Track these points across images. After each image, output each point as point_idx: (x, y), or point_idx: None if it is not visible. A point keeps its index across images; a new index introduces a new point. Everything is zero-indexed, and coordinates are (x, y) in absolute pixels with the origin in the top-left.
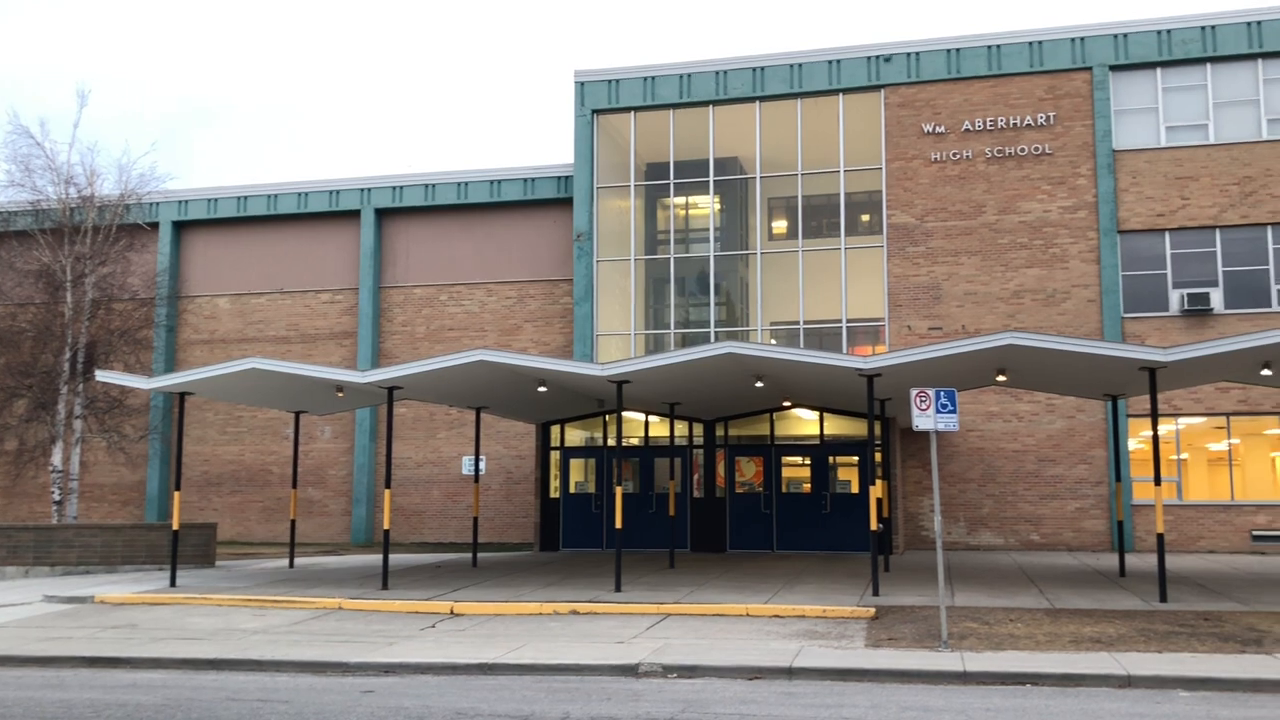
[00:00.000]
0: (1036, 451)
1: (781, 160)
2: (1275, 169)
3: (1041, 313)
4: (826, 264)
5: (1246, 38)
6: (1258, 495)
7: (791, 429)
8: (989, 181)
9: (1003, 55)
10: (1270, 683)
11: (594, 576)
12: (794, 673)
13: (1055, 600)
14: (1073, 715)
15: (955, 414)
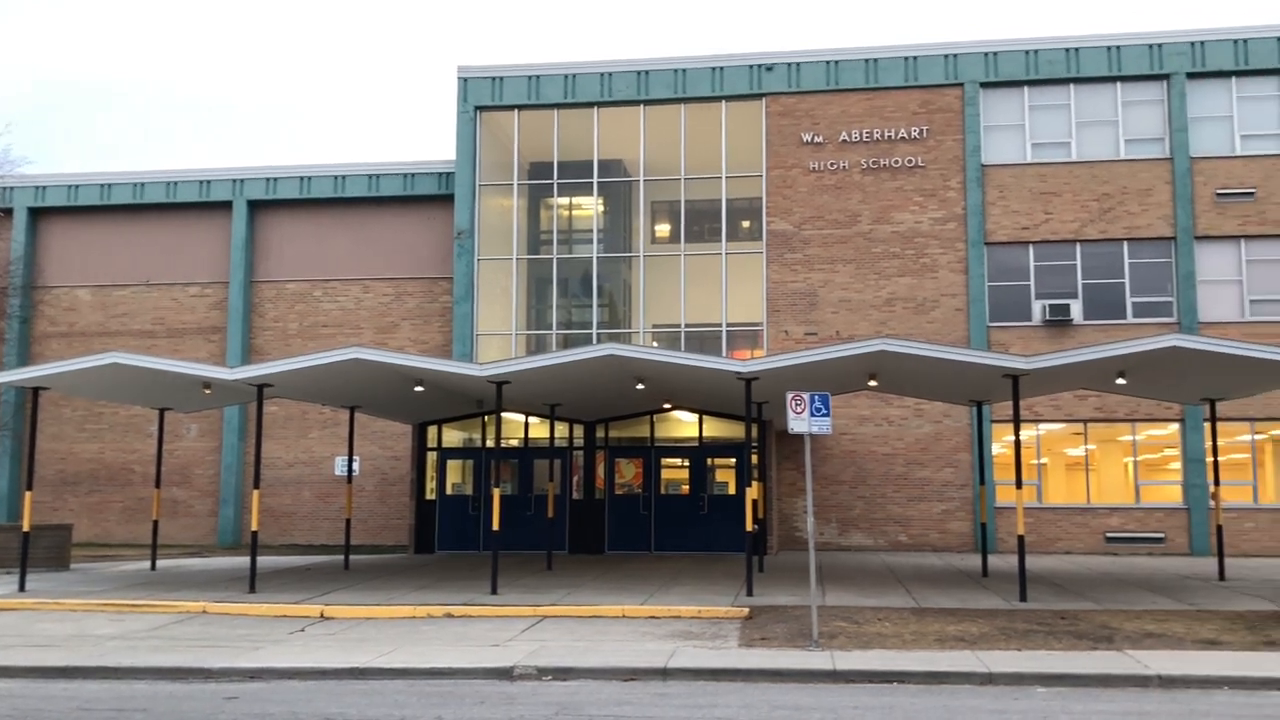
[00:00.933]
0: (905, 455)
1: (665, 164)
2: (1132, 187)
3: (912, 320)
4: (708, 268)
5: (1107, 61)
6: (1112, 499)
7: (671, 431)
8: (864, 192)
9: (880, 69)
10: (1120, 678)
11: (470, 579)
12: (669, 673)
13: (922, 600)
14: (936, 712)
15: (829, 417)
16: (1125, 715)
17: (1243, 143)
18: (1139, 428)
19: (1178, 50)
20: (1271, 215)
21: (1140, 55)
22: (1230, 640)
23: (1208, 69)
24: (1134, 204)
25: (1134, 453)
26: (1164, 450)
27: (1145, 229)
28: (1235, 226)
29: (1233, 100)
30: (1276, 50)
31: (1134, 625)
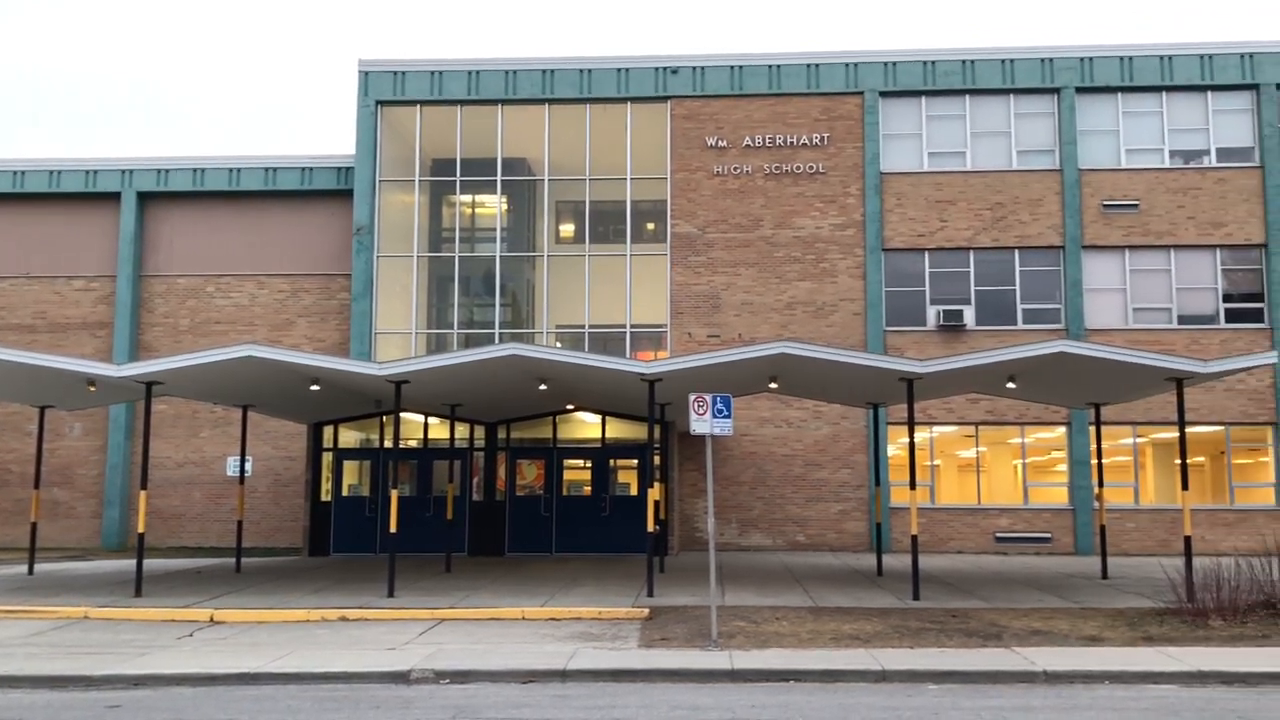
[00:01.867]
0: (804, 456)
1: (570, 164)
2: (1023, 197)
3: (812, 324)
4: (612, 269)
5: (1001, 74)
6: (1001, 499)
7: (574, 432)
8: (767, 196)
9: (782, 75)
10: (1008, 674)
11: (366, 582)
12: (568, 675)
13: (818, 599)
14: (831, 710)
15: (730, 419)
16: (1013, 710)
17: (1128, 156)
18: (1028, 431)
19: (1068, 65)
20: (1154, 227)
21: (1032, 69)
22: (1111, 637)
23: (1096, 84)
24: (1025, 213)
25: (1023, 455)
26: (1051, 453)
27: (1036, 238)
28: (1120, 237)
29: (1119, 115)
30: (1159, 68)
31: (1022, 623)
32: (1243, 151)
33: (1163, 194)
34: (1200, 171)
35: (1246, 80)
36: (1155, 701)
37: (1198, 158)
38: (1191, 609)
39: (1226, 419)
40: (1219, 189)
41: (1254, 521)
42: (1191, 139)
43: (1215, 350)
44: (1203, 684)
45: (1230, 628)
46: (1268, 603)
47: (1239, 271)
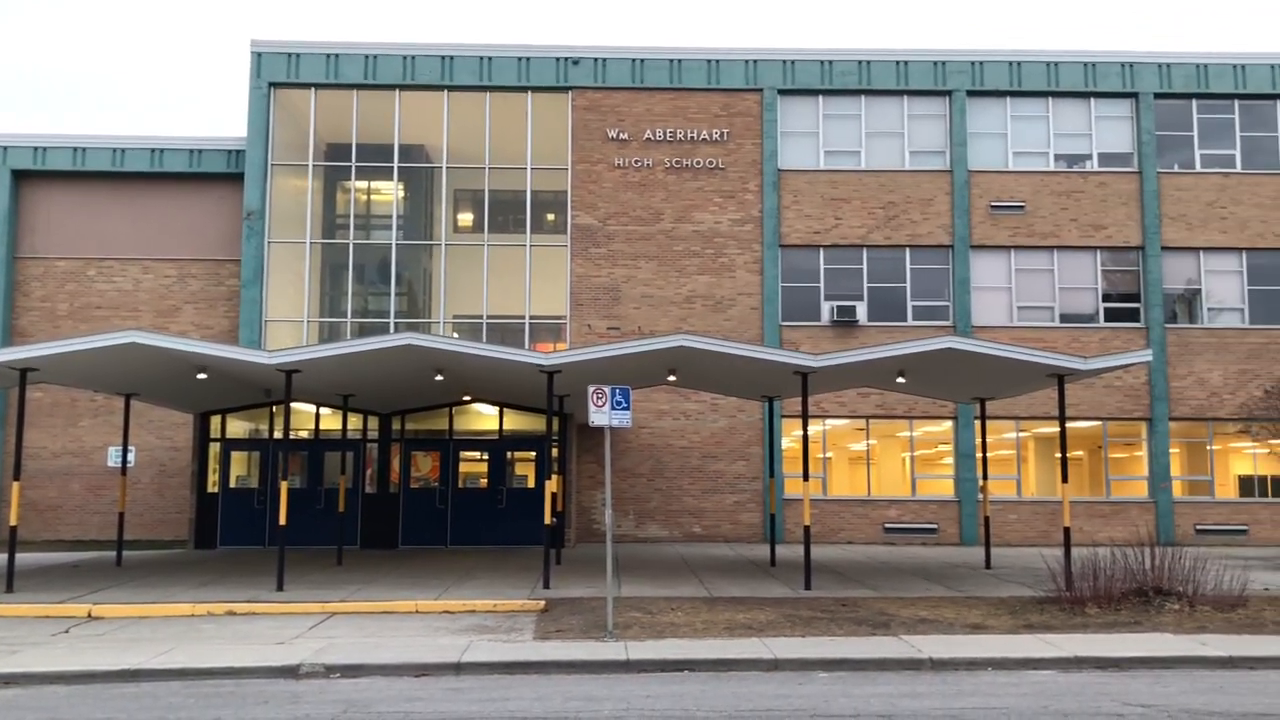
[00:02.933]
0: (701, 448)
1: (469, 152)
2: (914, 197)
3: (710, 318)
4: (512, 260)
5: (895, 75)
6: (891, 491)
7: (471, 424)
8: (667, 190)
9: (683, 70)
10: (895, 661)
11: (254, 575)
12: (462, 668)
13: (713, 590)
14: (724, 699)
15: (629, 411)
16: (900, 697)
17: (1015, 159)
18: (916, 424)
19: (959, 69)
20: (1039, 228)
21: (926, 71)
22: (994, 624)
23: (986, 88)
24: (916, 213)
25: (911, 448)
26: (938, 446)
27: (926, 237)
28: (1006, 237)
29: (1007, 118)
30: (1046, 74)
31: (909, 611)
32: (1122, 157)
33: (1047, 196)
34: (1083, 175)
35: (1127, 89)
36: (1035, 687)
37: (1080, 162)
38: (1070, 597)
39: (1104, 414)
40: (1100, 193)
41: (1129, 513)
42: (1075, 144)
43: (1094, 348)
44: (1079, 669)
45: (1105, 615)
46: (1140, 591)
47: (1117, 272)
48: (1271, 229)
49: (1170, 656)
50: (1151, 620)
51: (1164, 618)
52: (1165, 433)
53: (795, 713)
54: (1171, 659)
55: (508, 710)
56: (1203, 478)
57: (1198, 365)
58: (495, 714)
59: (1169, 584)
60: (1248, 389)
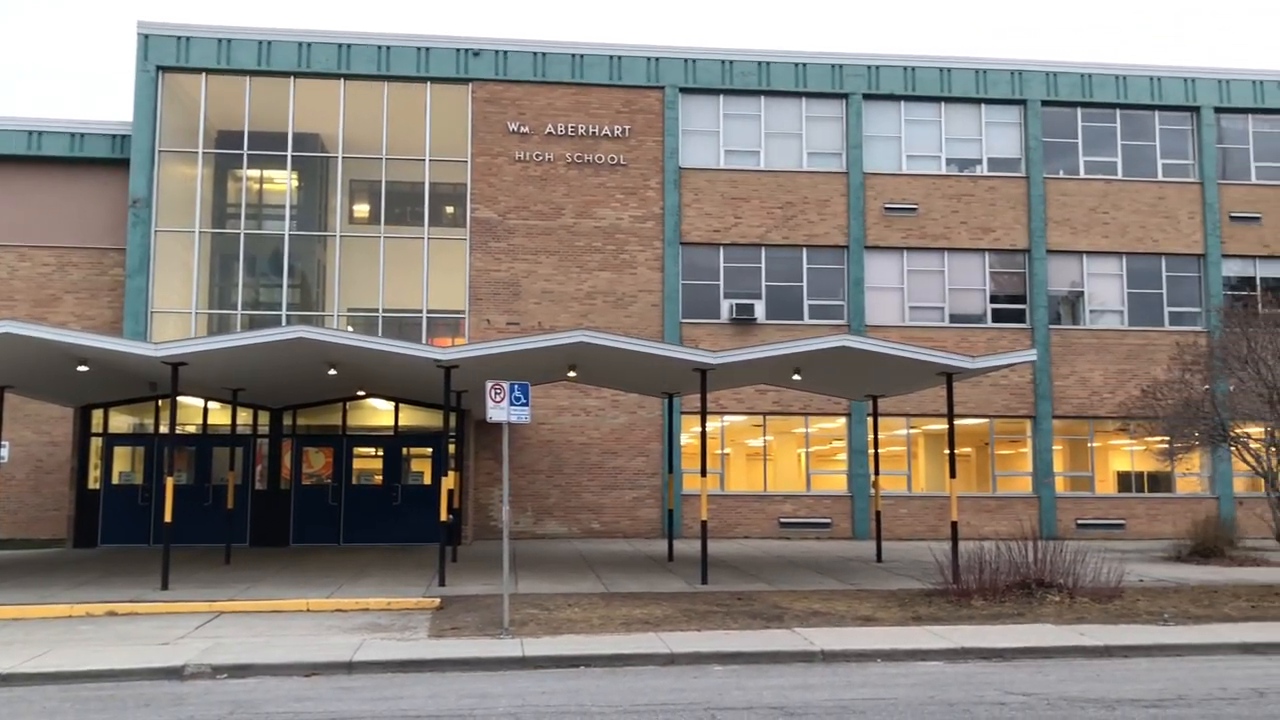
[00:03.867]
0: (601, 444)
1: (366, 142)
2: (812, 197)
3: (611, 314)
4: (409, 252)
5: (794, 77)
6: (786, 486)
7: (365, 419)
8: (569, 185)
9: (585, 65)
10: (788, 654)
11: (138, 574)
12: (354, 667)
13: (611, 585)
14: (620, 693)
15: (528, 407)
16: (792, 689)
17: (908, 162)
18: (811, 421)
19: (856, 72)
20: (930, 230)
21: (824, 74)
22: (885, 617)
23: (881, 92)
24: (813, 213)
25: (806, 444)
26: (833, 442)
27: (823, 237)
28: (899, 239)
29: (901, 122)
30: (939, 79)
31: (802, 605)
32: (1011, 162)
33: (939, 199)
34: (973, 179)
35: (1016, 96)
36: (923, 677)
37: (971, 166)
38: (956, 590)
39: (991, 412)
40: (989, 196)
41: (1013, 508)
42: (966, 148)
43: (982, 348)
44: (965, 660)
45: (990, 607)
46: (1023, 583)
47: (1005, 274)
48: (1150, 234)
49: (1051, 646)
50: (1034, 612)
51: (1045, 609)
52: (1049, 430)
53: (690, 706)
54: (1052, 649)
55: (400, 709)
56: (1084, 474)
57: (1080, 365)
58: (388, 713)
59: (1050, 577)
60: (1126, 388)
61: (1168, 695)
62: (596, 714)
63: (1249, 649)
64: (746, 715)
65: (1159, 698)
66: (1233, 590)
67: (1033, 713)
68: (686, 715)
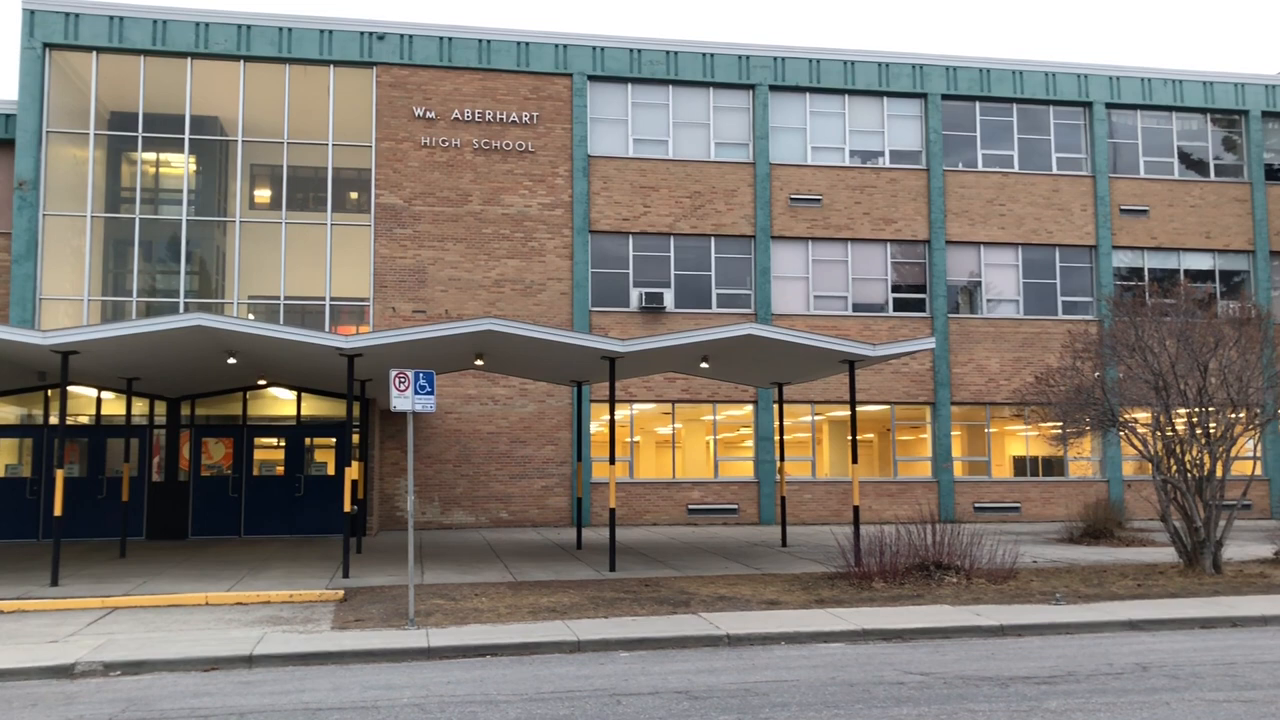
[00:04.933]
0: (510, 433)
1: (268, 126)
2: (719, 187)
3: (520, 302)
4: (312, 239)
5: (702, 67)
6: (695, 473)
7: (267, 409)
8: (476, 172)
9: (492, 51)
10: (694, 639)
11: (25, 570)
12: (254, 660)
13: (519, 574)
14: (526, 681)
15: (433, 395)
16: (697, 673)
17: (814, 154)
18: (719, 408)
19: (763, 64)
20: (834, 221)
21: (731, 65)
22: (789, 600)
23: (787, 84)
24: (721, 203)
25: (714, 431)
26: (740, 429)
27: (730, 227)
28: (805, 229)
29: (807, 114)
30: (843, 72)
31: (709, 590)
32: (912, 154)
33: (843, 190)
34: (876, 171)
35: (917, 89)
36: (825, 659)
37: (874, 158)
38: (858, 573)
39: (892, 399)
40: (891, 188)
41: (914, 492)
42: (869, 140)
43: (884, 336)
44: (866, 641)
45: (891, 589)
46: (922, 565)
47: (906, 264)
48: (1044, 226)
49: (949, 627)
50: (932, 593)
51: (944, 590)
52: (947, 416)
53: (596, 693)
54: (950, 629)
55: (302, 701)
56: (981, 458)
57: (977, 353)
58: (289, 706)
59: (949, 559)
60: (1021, 375)
61: (1058, 672)
62: (502, 703)
63: (1135, 625)
64: (652, 700)
65: (1050, 674)
66: (1120, 570)
67: (930, 692)
68: (592, 702)
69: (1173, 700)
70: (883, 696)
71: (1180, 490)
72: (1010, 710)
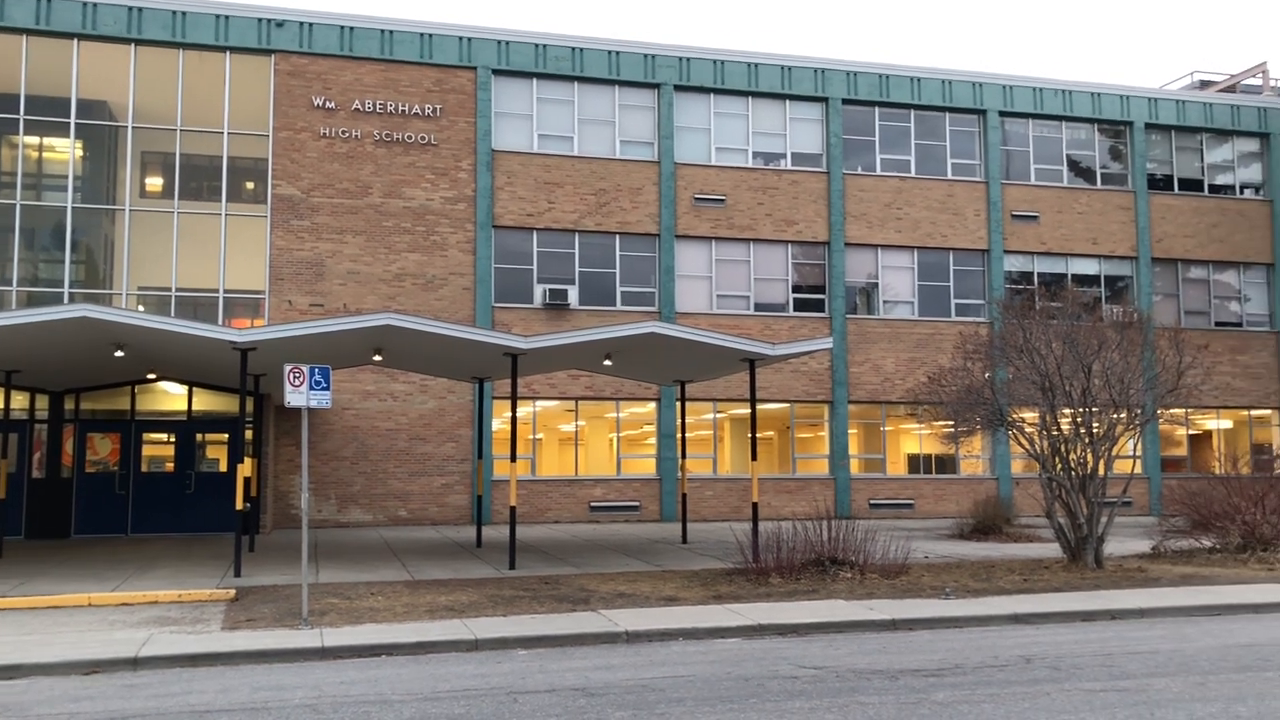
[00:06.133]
0: (409, 430)
1: (160, 112)
2: (625, 185)
3: (421, 296)
4: (206, 229)
5: (608, 65)
6: (597, 471)
7: (157, 403)
8: (377, 164)
9: (395, 41)
10: (593, 636)
11: None
12: (140, 663)
13: (416, 573)
14: (422, 680)
15: (329, 391)
16: (594, 670)
17: (718, 154)
18: (623, 406)
19: (668, 63)
20: (738, 221)
21: (636, 63)
22: (687, 596)
23: (692, 84)
24: (626, 201)
25: (617, 429)
26: (643, 426)
27: (635, 225)
28: (708, 228)
29: (711, 115)
30: (746, 74)
31: (608, 587)
32: (813, 157)
33: (746, 191)
34: (778, 173)
35: (819, 93)
36: (721, 654)
37: (776, 160)
38: (756, 569)
39: (792, 397)
40: (793, 190)
41: (811, 489)
42: (772, 142)
43: (785, 335)
44: (762, 636)
45: (787, 584)
46: (818, 561)
47: (806, 265)
48: (939, 230)
49: (843, 621)
50: (828, 588)
51: (838, 585)
52: (845, 415)
53: (492, 691)
54: (844, 623)
55: (188, 704)
56: (876, 456)
57: (874, 353)
58: (174, 709)
59: (844, 554)
60: (915, 375)
61: (946, 665)
62: (397, 702)
63: (1020, 619)
64: (548, 698)
65: (938, 667)
66: (1008, 565)
67: (823, 685)
68: (488, 701)
69: (1053, 690)
70: (776, 690)
71: (1065, 488)
72: (899, 702)
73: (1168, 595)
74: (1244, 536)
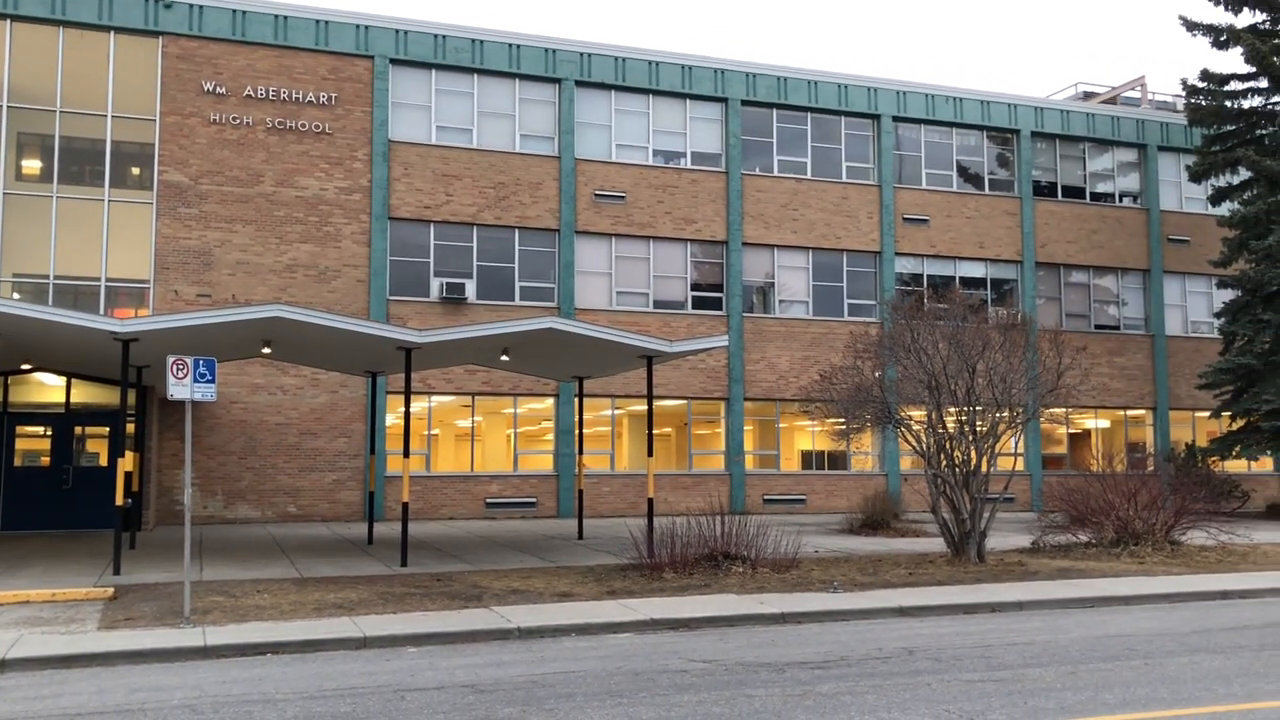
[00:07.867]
0: (299, 425)
1: (38, 92)
2: (524, 179)
3: (313, 288)
4: (87, 215)
5: (508, 58)
6: (494, 467)
7: (32, 395)
8: (269, 152)
9: (289, 27)
10: (485, 632)
11: None
12: (7, 665)
13: (305, 570)
14: (308, 679)
15: (214, 384)
16: (485, 666)
17: (618, 151)
18: (520, 401)
19: (569, 59)
20: (637, 218)
21: (537, 58)
22: (581, 592)
23: (594, 80)
24: (526, 195)
25: (515, 425)
26: (541, 422)
27: (535, 219)
28: (609, 225)
29: (612, 111)
30: (647, 72)
31: (502, 583)
32: (713, 157)
33: (646, 189)
34: (678, 172)
35: (719, 94)
36: (613, 649)
37: (676, 159)
38: (650, 564)
39: (689, 394)
40: (692, 189)
41: (708, 485)
42: (672, 141)
43: (683, 333)
44: (654, 631)
45: (681, 579)
46: (711, 556)
47: (705, 264)
48: (834, 231)
49: (734, 615)
50: (720, 583)
51: (730, 580)
52: (740, 411)
53: (379, 689)
54: (735, 617)
55: (59, 706)
56: (771, 452)
57: (769, 351)
58: (44, 712)
59: (736, 549)
60: (809, 373)
61: (832, 657)
62: (280, 701)
63: (904, 612)
64: (437, 695)
65: (824, 659)
66: (894, 559)
67: (712, 678)
68: (375, 698)
69: (934, 681)
70: (666, 684)
71: (949, 484)
72: (785, 694)
73: (1045, 588)
74: (1118, 531)
